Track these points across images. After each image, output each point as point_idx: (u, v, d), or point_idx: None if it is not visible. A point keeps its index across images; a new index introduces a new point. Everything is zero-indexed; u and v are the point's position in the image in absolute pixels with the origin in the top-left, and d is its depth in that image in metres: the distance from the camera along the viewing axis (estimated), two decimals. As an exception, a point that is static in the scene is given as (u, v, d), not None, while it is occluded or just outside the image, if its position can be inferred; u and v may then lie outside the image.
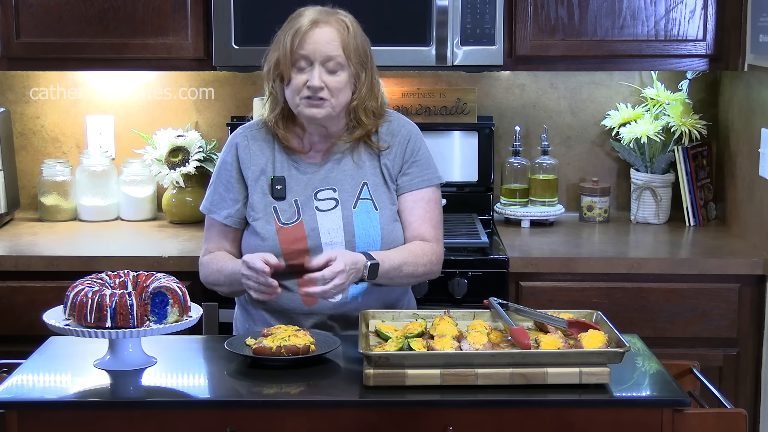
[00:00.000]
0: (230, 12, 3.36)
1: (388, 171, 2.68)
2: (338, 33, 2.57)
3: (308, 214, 2.64)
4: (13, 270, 3.23)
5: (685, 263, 3.25)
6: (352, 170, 2.67)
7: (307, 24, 2.56)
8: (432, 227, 2.69)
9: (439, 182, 2.73)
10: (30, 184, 3.88)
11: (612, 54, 3.46)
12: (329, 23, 2.58)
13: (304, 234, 2.62)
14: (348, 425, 2.17)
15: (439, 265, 2.71)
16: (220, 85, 3.84)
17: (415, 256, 2.64)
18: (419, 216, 2.69)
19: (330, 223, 2.63)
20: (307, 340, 2.35)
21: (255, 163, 2.68)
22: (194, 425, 2.17)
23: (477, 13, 3.35)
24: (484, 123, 3.76)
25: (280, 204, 2.65)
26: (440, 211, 2.74)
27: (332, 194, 2.66)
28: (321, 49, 2.55)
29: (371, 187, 2.67)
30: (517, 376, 2.17)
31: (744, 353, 3.28)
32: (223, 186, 2.71)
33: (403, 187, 2.70)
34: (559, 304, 3.21)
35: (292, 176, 2.67)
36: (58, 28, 3.44)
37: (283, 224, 2.63)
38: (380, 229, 2.64)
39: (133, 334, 2.26)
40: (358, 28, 2.63)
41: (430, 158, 2.74)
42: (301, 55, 2.56)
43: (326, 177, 2.67)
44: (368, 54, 2.65)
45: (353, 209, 2.64)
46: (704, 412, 2.21)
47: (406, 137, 2.71)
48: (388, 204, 2.67)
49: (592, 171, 3.89)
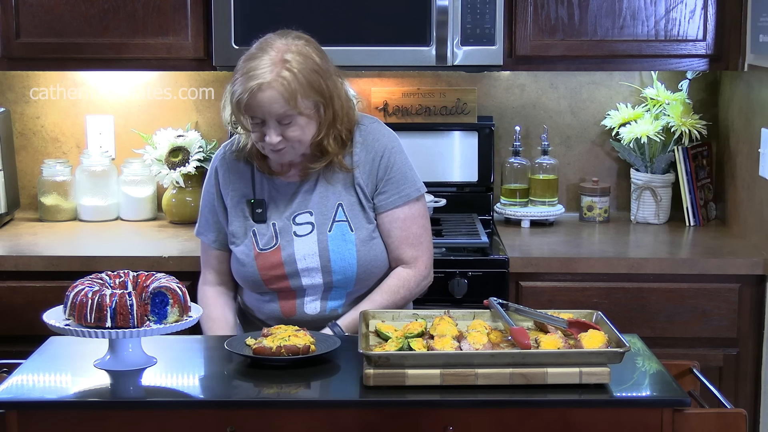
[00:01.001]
0: (230, 12, 3.36)
1: (362, 190, 2.67)
2: (280, 93, 2.49)
3: (286, 239, 2.66)
4: (13, 270, 3.23)
5: (685, 263, 3.25)
6: (327, 191, 2.67)
7: (246, 95, 2.51)
8: (410, 246, 2.69)
9: (417, 194, 2.70)
10: (30, 184, 3.88)
11: (612, 54, 3.46)
12: (270, 85, 2.49)
13: (281, 260, 2.65)
14: (348, 425, 2.17)
15: (423, 282, 2.74)
16: (220, 85, 3.83)
17: (394, 296, 2.68)
18: (396, 238, 2.68)
19: (306, 248, 2.65)
20: (307, 340, 2.35)
21: (235, 188, 2.71)
22: (194, 425, 2.17)
23: (477, 13, 3.35)
24: (484, 123, 3.76)
25: (259, 227, 2.68)
26: (421, 224, 2.71)
27: (309, 218, 2.67)
28: (267, 111, 2.52)
29: (346, 208, 2.67)
30: (517, 376, 2.17)
31: (744, 353, 3.28)
32: (208, 210, 2.78)
33: (380, 206, 2.68)
34: (559, 304, 3.21)
35: (272, 198, 2.70)
36: (58, 28, 3.44)
37: (261, 250, 2.66)
38: (356, 251, 2.64)
39: (133, 334, 2.26)
40: (307, 63, 2.53)
41: (407, 171, 2.70)
42: (251, 115, 2.55)
43: (303, 200, 2.68)
44: (323, 88, 2.55)
45: (328, 233, 2.65)
46: (704, 412, 2.21)
47: (380, 153, 2.67)
48: (364, 224, 2.67)
49: (592, 171, 3.89)
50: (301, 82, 2.52)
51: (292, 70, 2.51)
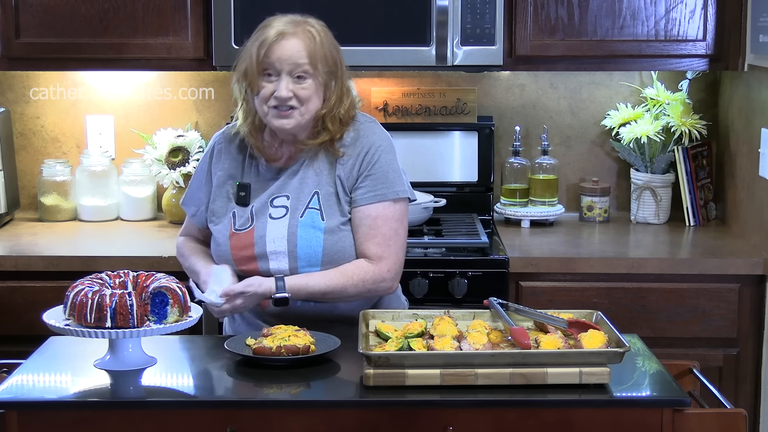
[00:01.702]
0: (230, 12, 3.36)
1: (341, 182, 2.65)
2: (304, 43, 2.57)
3: (260, 221, 2.66)
4: (13, 270, 3.23)
5: (685, 263, 3.25)
6: (307, 178, 2.66)
7: (273, 35, 2.57)
8: (375, 245, 2.62)
9: (394, 197, 2.64)
10: (30, 184, 3.88)
11: (612, 54, 3.46)
12: (296, 34, 2.57)
13: (252, 241, 2.64)
14: (348, 425, 2.17)
15: (382, 283, 2.62)
16: (220, 85, 3.83)
17: (344, 278, 2.59)
18: (363, 234, 2.63)
19: (276, 231, 2.64)
20: (307, 340, 2.35)
21: (224, 167, 2.72)
22: (194, 425, 2.17)
23: (477, 13, 3.35)
24: (484, 123, 3.76)
25: (239, 209, 2.68)
26: (392, 227, 2.64)
27: (285, 202, 2.66)
28: (287, 60, 2.56)
29: (322, 197, 2.65)
30: (517, 376, 2.17)
31: (744, 353, 3.28)
32: (195, 184, 2.80)
33: (355, 201, 2.65)
34: (559, 304, 3.21)
35: (257, 182, 2.70)
36: (58, 28, 3.44)
37: (236, 230, 2.66)
38: (323, 240, 2.62)
39: (133, 334, 2.26)
40: (328, 36, 2.63)
41: (389, 172, 2.65)
42: (268, 65, 2.57)
43: (284, 184, 2.68)
44: (338, 62, 2.64)
45: (300, 219, 2.63)
46: (704, 412, 2.21)
47: (366, 148, 2.66)
48: (336, 215, 2.64)
49: (592, 171, 3.89)
50: (323, 45, 2.60)
51: (316, 35, 2.60)
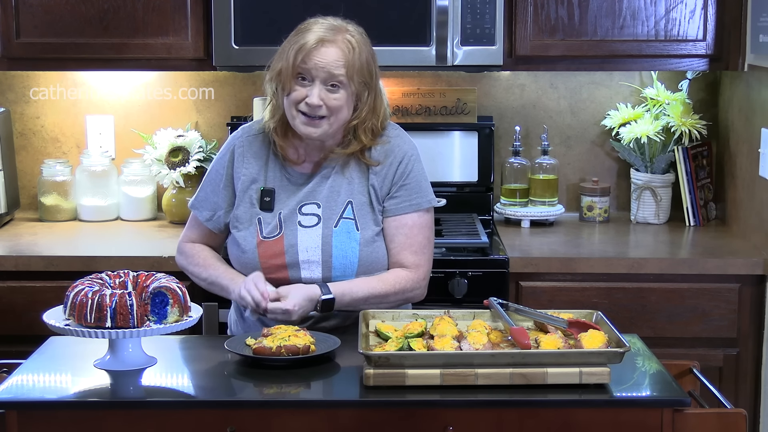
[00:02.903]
0: (230, 12, 3.36)
1: (375, 191, 2.65)
2: (343, 53, 2.55)
3: (290, 229, 2.63)
4: (13, 270, 3.23)
5: (685, 263, 3.25)
6: (339, 186, 2.65)
7: (312, 41, 2.55)
8: (412, 253, 2.65)
9: (428, 206, 2.68)
10: (30, 184, 3.88)
11: (612, 54, 3.46)
12: (335, 42, 2.56)
13: (283, 249, 2.62)
14: (348, 425, 2.17)
15: (417, 290, 2.66)
16: (220, 85, 3.84)
17: (386, 286, 2.60)
18: (399, 243, 2.65)
19: (309, 240, 2.62)
20: (307, 340, 2.35)
21: (247, 172, 2.68)
22: (194, 425, 2.17)
23: (477, 13, 3.35)
24: (484, 123, 3.76)
25: (265, 215, 2.65)
26: (426, 235, 2.68)
27: (316, 210, 2.64)
28: (324, 68, 2.54)
29: (356, 207, 2.65)
30: (517, 376, 2.17)
31: (744, 353, 3.28)
32: (210, 187, 2.73)
33: (389, 210, 2.66)
34: (559, 304, 3.21)
35: (282, 187, 2.67)
36: (58, 28, 3.44)
37: (264, 238, 2.63)
38: (359, 251, 2.62)
39: (133, 334, 2.26)
40: (366, 46, 2.61)
41: (422, 181, 2.69)
42: (303, 71, 2.56)
43: (313, 191, 2.66)
44: (373, 73, 2.62)
45: (334, 228, 2.62)
46: (704, 412, 2.21)
47: (399, 158, 2.67)
48: (371, 225, 2.64)
49: (592, 171, 3.89)
50: (360, 56, 2.58)
51: (355, 45, 2.58)
